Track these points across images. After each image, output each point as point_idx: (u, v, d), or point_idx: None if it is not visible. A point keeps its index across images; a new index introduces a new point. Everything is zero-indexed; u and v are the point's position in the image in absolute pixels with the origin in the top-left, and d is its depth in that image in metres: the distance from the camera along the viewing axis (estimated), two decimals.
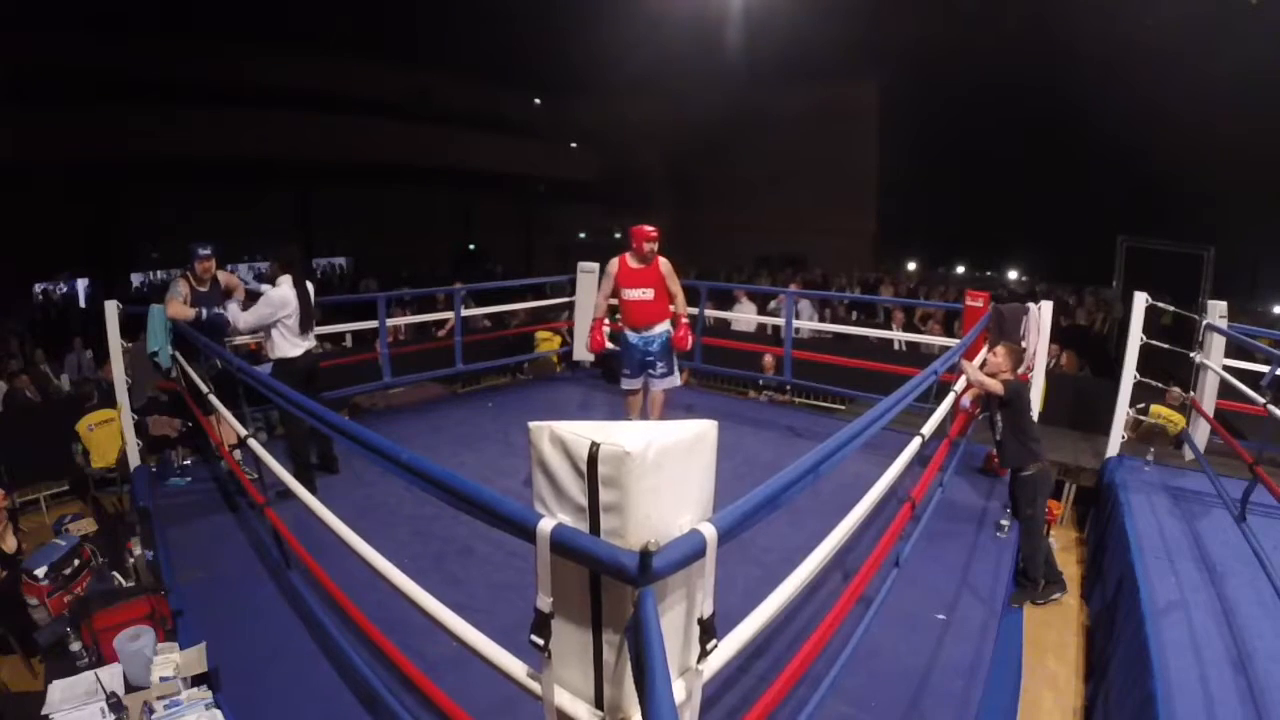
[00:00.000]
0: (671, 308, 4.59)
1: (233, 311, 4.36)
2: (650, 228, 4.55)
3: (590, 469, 1.16)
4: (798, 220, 16.55)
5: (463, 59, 15.23)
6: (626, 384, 4.72)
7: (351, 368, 5.84)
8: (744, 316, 8.19)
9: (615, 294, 4.62)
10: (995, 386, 3.57)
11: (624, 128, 17.11)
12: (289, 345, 4.15)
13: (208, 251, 4.41)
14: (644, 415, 4.79)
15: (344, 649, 2.51)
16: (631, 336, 4.61)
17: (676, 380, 4.72)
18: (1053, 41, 11.13)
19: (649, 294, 4.53)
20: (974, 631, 2.92)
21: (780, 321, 6.79)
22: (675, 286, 4.56)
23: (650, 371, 4.62)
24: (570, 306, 6.90)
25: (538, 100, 19.07)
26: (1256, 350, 4.62)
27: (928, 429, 2.89)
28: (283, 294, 4.07)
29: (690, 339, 4.62)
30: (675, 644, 1.25)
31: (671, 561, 1.11)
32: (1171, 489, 4.53)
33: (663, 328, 4.58)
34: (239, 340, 4.74)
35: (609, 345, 4.87)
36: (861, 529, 2.19)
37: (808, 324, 7.87)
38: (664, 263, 4.54)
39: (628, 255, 4.54)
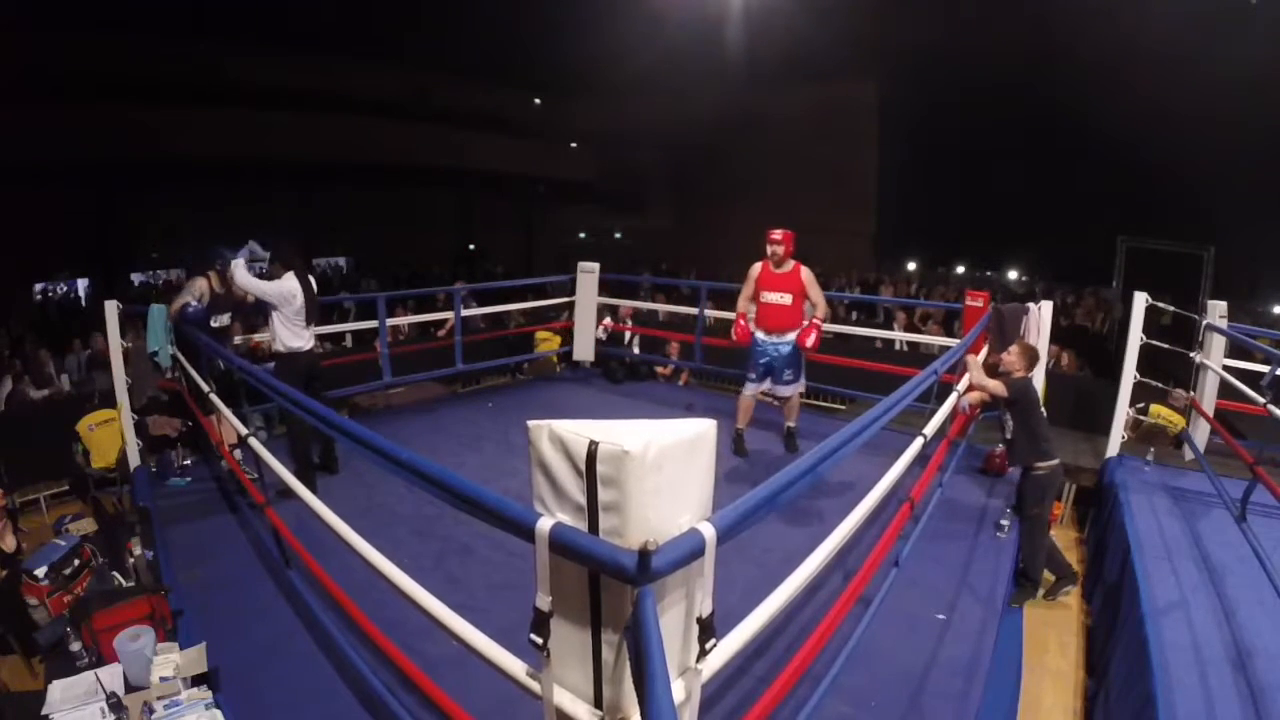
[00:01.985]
0: (811, 313, 4.60)
1: (240, 270, 4.19)
2: (777, 231, 4.65)
3: (589, 468, 1.16)
4: (797, 220, 16.46)
5: (463, 59, 15.22)
6: (749, 387, 4.81)
7: (351, 368, 5.85)
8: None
9: (754, 297, 4.70)
10: (996, 387, 3.57)
11: (624, 128, 17.10)
12: (293, 337, 4.17)
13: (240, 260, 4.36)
14: (749, 420, 4.91)
15: (344, 649, 2.51)
16: (761, 339, 4.67)
17: (801, 386, 4.79)
18: (1053, 41, 11.13)
19: (786, 299, 4.60)
20: (974, 631, 2.92)
21: None
22: (815, 294, 4.59)
23: (774, 378, 4.70)
24: (570, 306, 6.90)
25: (538, 100, 19.06)
26: (1256, 350, 4.63)
27: (930, 429, 2.89)
28: (289, 287, 4.10)
29: (814, 338, 4.53)
30: (674, 643, 1.25)
31: (670, 561, 1.11)
32: (1171, 489, 4.53)
33: (795, 335, 4.61)
34: (239, 339, 4.74)
35: (749, 335, 4.75)
36: (862, 529, 2.19)
37: None
38: (805, 271, 4.61)
39: (769, 260, 4.66)
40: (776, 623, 1.72)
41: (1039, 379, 4.80)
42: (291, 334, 4.17)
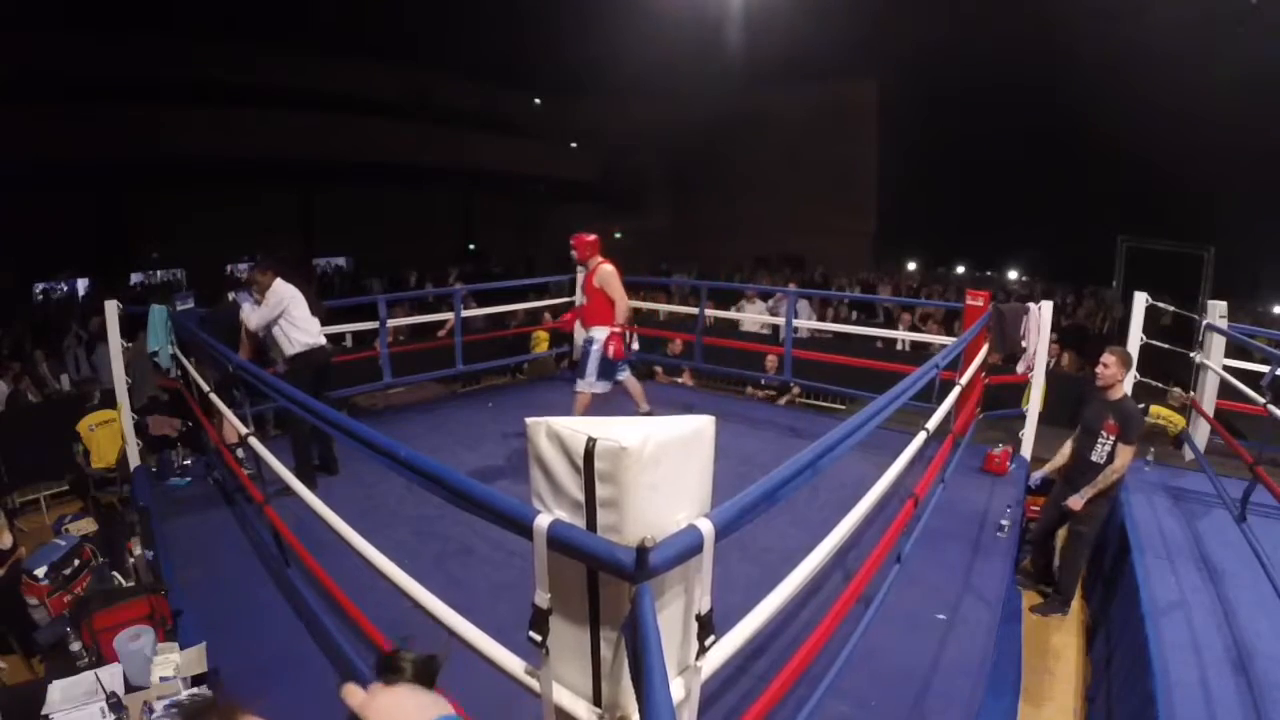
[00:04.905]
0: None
1: (246, 311, 4.34)
2: (584, 235, 4.69)
3: (587, 464, 1.16)
4: (797, 220, 16.55)
5: (463, 59, 15.23)
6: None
7: (351, 368, 5.85)
8: (752, 317, 8.20)
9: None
10: (1127, 456, 3.54)
11: (624, 128, 17.10)
12: (304, 334, 4.19)
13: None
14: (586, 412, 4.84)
15: (344, 649, 2.51)
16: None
17: (589, 388, 4.67)
18: (1053, 41, 11.13)
19: (584, 298, 4.75)
20: (974, 631, 2.91)
21: (779, 321, 6.77)
22: (611, 292, 4.55)
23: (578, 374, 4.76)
24: (570, 306, 6.89)
25: (538, 100, 19.07)
26: (1256, 350, 4.62)
27: (931, 425, 2.89)
28: (283, 290, 4.14)
29: (615, 348, 4.51)
30: (673, 640, 1.25)
31: (668, 557, 1.11)
32: (1171, 489, 4.52)
33: (594, 333, 4.63)
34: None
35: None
36: (862, 528, 2.19)
37: (806, 323, 7.87)
38: (600, 272, 4.58)
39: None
40: (776, 622, 1.72)
41: (1039, 379, 4.81)
42: (302, 332, 4.19)
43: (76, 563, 3.43)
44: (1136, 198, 11.57)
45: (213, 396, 3.73)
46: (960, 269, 16.59)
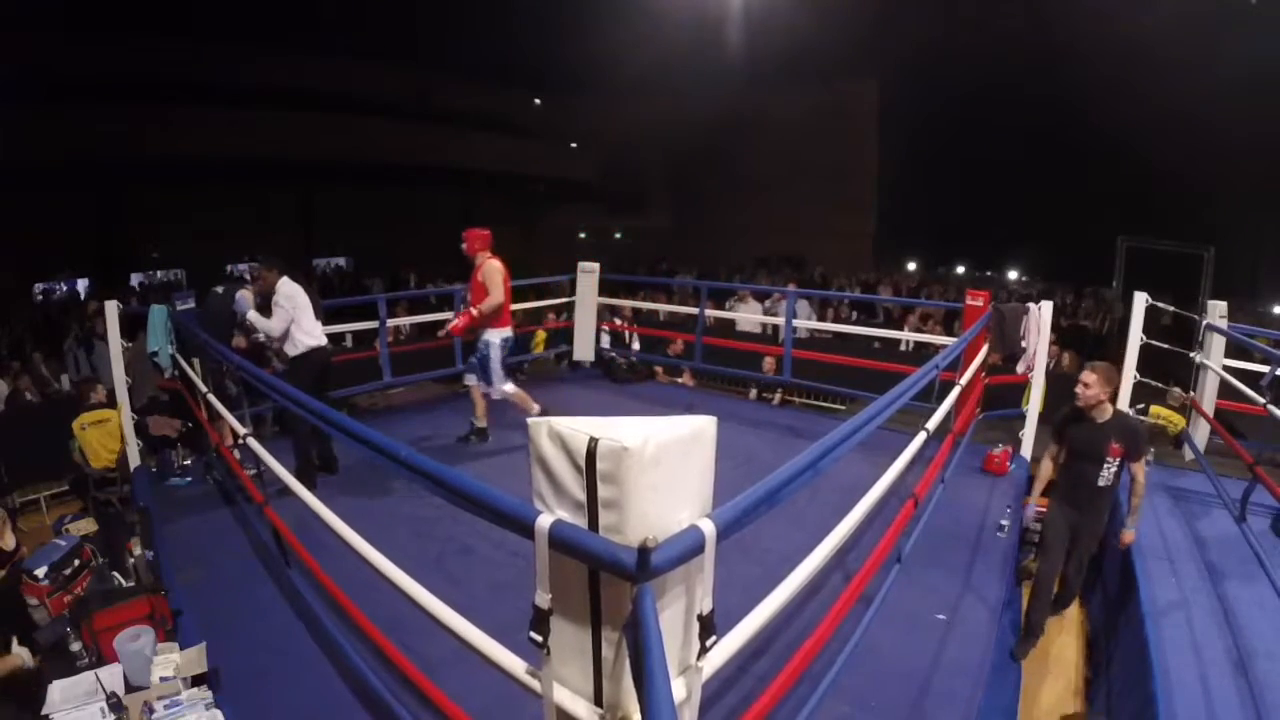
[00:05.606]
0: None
1: (258, 321, 4.26)
2: (476, 229, 4.69)
3: (589, 465, 1.16)
4: (797, 220, 16.56)
5: (463, 59, 15.24)
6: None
7: (351, 368, 5.84)
8: (748, 316, 8.20)
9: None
10: (1143, 476, 3.26)
11: (624, 128, 17.11)
12: (306, 335, 4.21)
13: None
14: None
15: (344, 649, 2.51)
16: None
17: (497, 388, 4.71)
18: (1053, 41, 11.14)
19: (469, 296, 4.72)
20: (974, 631, 2.91)
21: (778, 321, 6.76)
22: (490, 286, 4.58)
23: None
24: (570, 306, 6.90)
25: (538, 100, 19.07)
26: (1256, 350, 4.62)
27: (931, 425, 2.89)
28: (288, 290, 4.16)
29: (460, 321, 4.60)
30: (674, 641, 1.25)
31: (670, 557, 1.11)
32: (1171, 489, 4.52)
33: (486, 336, 4.65)
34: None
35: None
36: (862, 528, 2.19)
37: (805, 323, 7.88)
38: (488, 266, 4.60)
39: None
40: (777, 622, 1.72)
41: (1039, 379, 4.81)
42: (304, 332, 4.21)
43: (76, 563, 3.42)
44: (1136, 198, 11.57)
45: (211, 397, 3.73)
46: (960, 269, 16.60)
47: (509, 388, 4.75)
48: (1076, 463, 3.32)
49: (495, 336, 4.64)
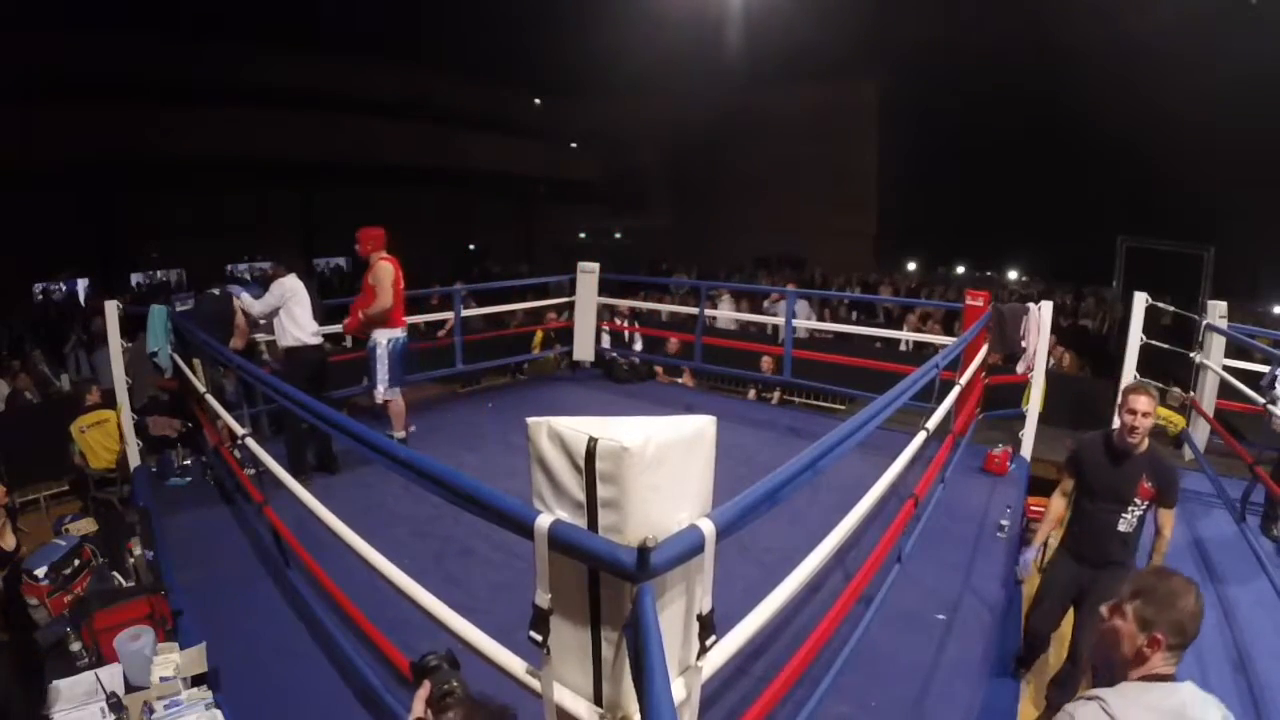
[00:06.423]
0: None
1: (247, 300, 4.44)
2: (369, 228, 4.65)
3: (588, 465, 1.16)
4: (797, 220, 16.56)
5: (463, 59, 15.26)
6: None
7: (351, 368, 5.84)
8: (727, 314, 8.24)
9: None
10: (1170, 521, 2.74)
11: (624, 128, 17.14)
12: (300, 330, 4.27)
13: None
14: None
15: (344, 649, 2.50)
16: None
17: (381, 393, 4.57)
18: (1053, 41, 11.14)
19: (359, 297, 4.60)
20: (974, 631, 2.91)
21: (778, 321, 6.76)
22: (378, 288, 4.48)
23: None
24: (570, 306, 6.90)
25: (538, 100, 19.08)
26: (1256, 350, 4.62)
27: (931, 424, 2.89)
28: (292, 284, 4.28)
29: (348, 321, 4.57)
30: (674, 640, 1.25)
31: (670, 557, 1.11)
32: None
33: (374, 337, 4.53)
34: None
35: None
36: (862, 528, 2.19)
37: (805, 323, 7.88)
38: (379, 266, 4.53)
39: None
40: (777, 622, 1.72)
41: (1039, 379, 4.81)
42: (295, 324, 4.28)
43: (76, 563, 3.42)
44: (1136, 198, 11.57)
45: (209, 398, 3.73)
46: (960, 269, 16.61)
47: (390, 395, 4.58)
48: (1093, 503, 2.79)
49: (382, 338, 4.53)
